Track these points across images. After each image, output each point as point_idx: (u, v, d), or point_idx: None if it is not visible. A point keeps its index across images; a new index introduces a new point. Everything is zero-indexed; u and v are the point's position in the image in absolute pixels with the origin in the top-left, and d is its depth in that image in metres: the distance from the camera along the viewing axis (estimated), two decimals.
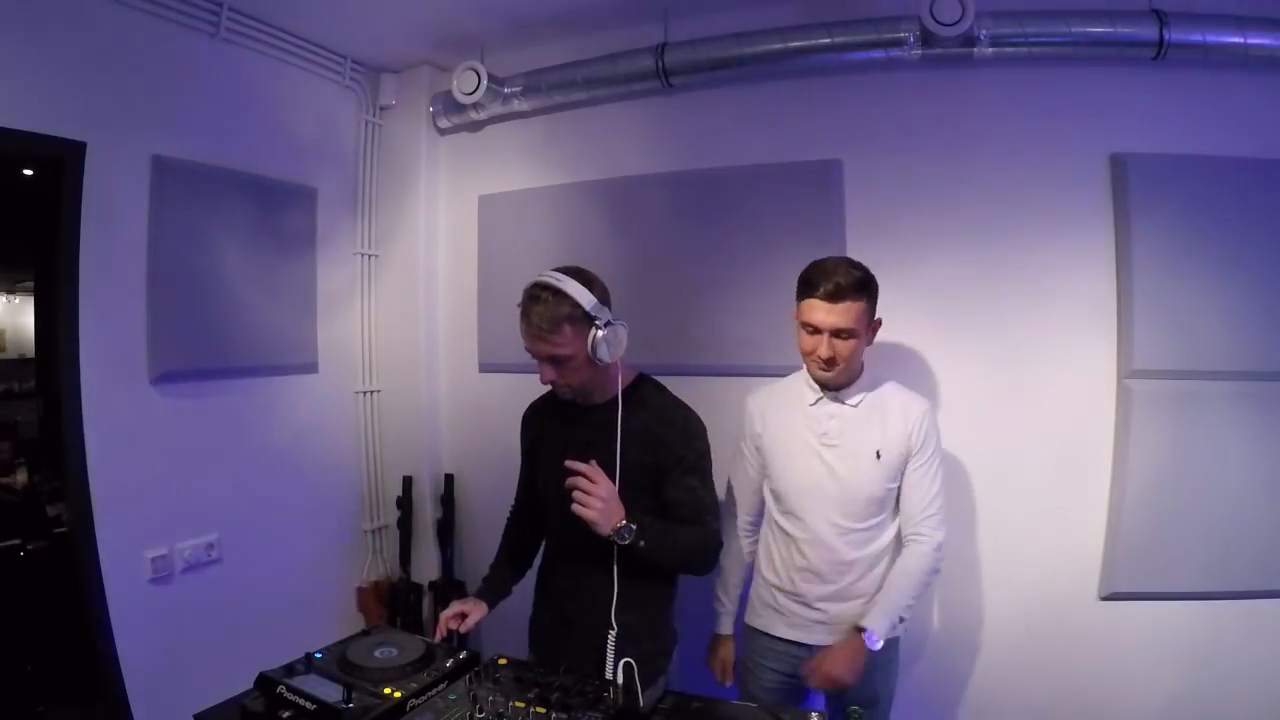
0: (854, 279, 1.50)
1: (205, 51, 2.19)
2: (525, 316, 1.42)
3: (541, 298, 1.40)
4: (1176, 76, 1.86)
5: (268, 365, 2.42)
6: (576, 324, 1.40)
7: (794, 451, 1.65)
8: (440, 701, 1.18)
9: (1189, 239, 1.85)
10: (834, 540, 1.60)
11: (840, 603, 1.62)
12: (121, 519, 1.97)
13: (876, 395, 1.64)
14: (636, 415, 1.50)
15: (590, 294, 1.41)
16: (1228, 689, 1.85)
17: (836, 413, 1.62)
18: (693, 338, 2.28)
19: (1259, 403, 1.82)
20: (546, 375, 1.47)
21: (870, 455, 1.58)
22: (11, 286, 5.16)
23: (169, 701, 2.00)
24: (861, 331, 1.54)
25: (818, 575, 1.62)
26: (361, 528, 2.76)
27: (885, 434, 1.59)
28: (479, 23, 2.39)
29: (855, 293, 1.50)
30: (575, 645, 1.50)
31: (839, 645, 1.54)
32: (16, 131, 1.75)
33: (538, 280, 1.43)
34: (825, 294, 1.50)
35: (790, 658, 1.67)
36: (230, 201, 2.27)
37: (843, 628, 1.59)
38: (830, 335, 1.52)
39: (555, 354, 1.42)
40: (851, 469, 1.59)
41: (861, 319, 1.52)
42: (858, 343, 1.54)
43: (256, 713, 1.14)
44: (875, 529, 1.61)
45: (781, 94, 2.20)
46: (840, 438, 1.61)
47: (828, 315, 1.51)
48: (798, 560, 1.64)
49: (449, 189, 2.77)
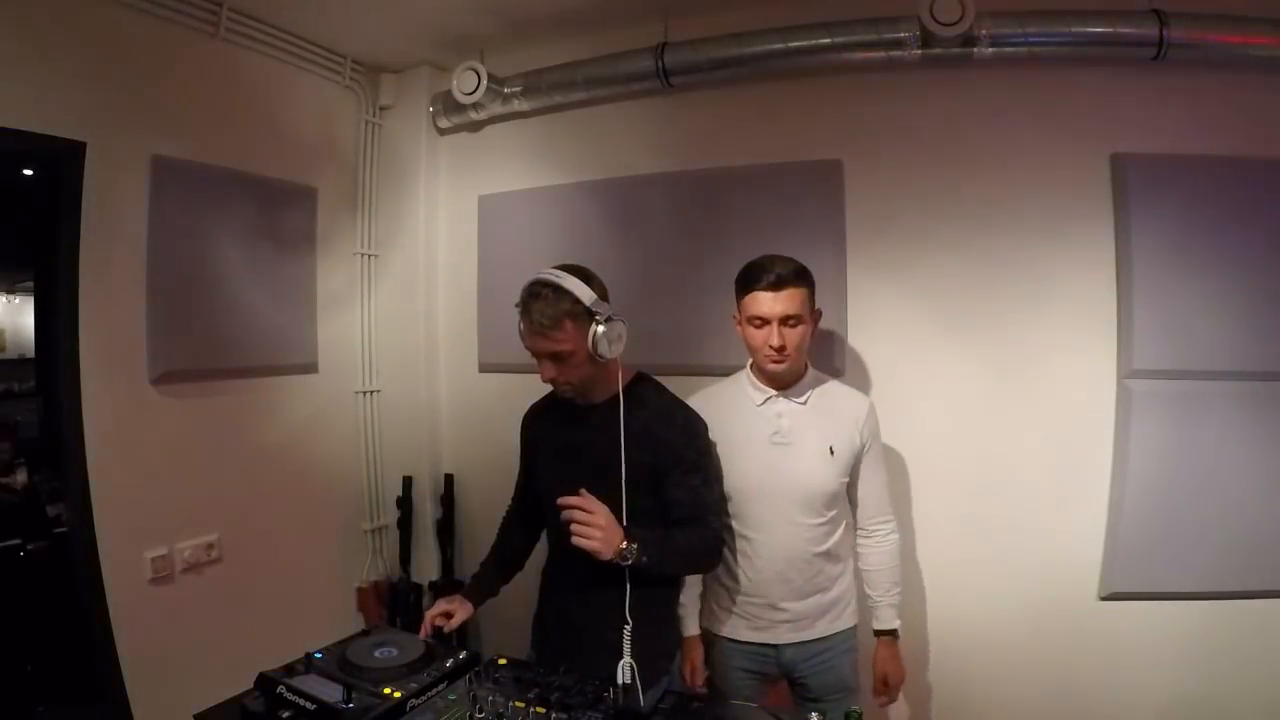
0: (792, 268, 1.56)
1: (205, 51, 2.19)
2: (525, 314, 1.42)
3: (542, 294, 1.40)
4: (1176, 76, 1.86)
5: (268, 365, 2.41)
6: (577, 319, 1.41)
7: (744, 453, 1.64)
8: (440, 701, 1.18)
9: (1189, 239, 1.85)
10: (791, 538, 1.62)
11: (801, 600, 1.64)
12: (121, 519, 1.97)
13: (822, 392, 1.68)
14: (636, 414, 1.49)
15: (590, 289, 1.42)
16: (1228, 689, 1.85)
17: (786, 410, 1.64)
18: (693, 337, 2.28)
19: (1259, 403, 1.82)
20: (547, 373, 1.47)
21: (823, 451, 1.61)
22: (11, 286, 5.15)
23: (169, 701, 2.00)
24: (806, 319, 1.59)
25: (778, 574, 1.62)
26: (361, 528, 2.76)
27: (837, 430, 1.63)
28: (479, 23, 2.39)
29: (796, 280, 1.56)
30: (578, 643, 1.50)
31: (882, 657, 1.70)
32: (16, 131, 1.75)
33: (537, 278, 1.44)
34: (768, 284, 1.55)
35: (758, 656, 1.68)
36: (230, 201, 2.27)
37: (803, 625, 1.64)
38: (779, 324, 1.55)
39: (556, 350, 1.42)
40: (806, 466, 1.61)
41: (805, 306, 1.58)
42: (804, 330, 1.59)
43: (256, 713, 1.14)
44: (830, 524, 1.64)
45: (781, 94, 2.20)
46: (792, 435, 1.62)
47: (774, 304, 1.55)
48: (756, 562, 1.64)
49: (449, 189, 2.76)
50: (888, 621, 1.70)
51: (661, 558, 1.42)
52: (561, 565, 1.63)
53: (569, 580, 1.59)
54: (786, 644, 1.65)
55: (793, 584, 1.63)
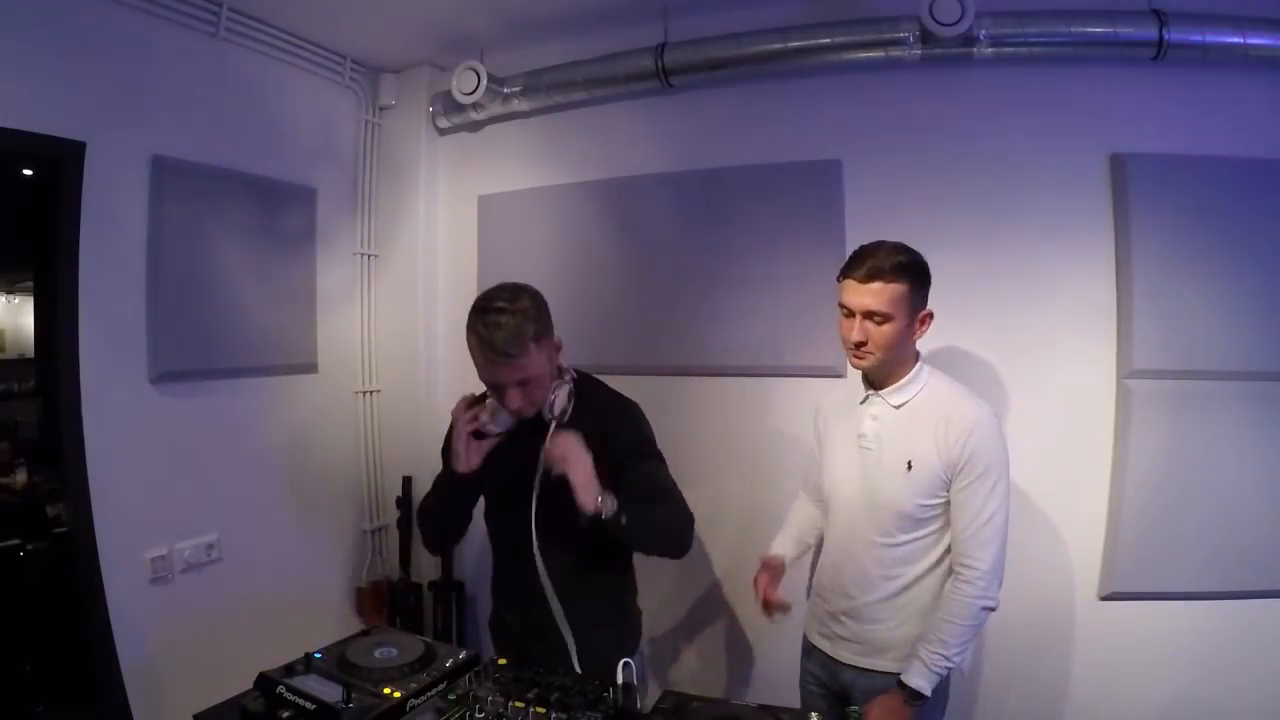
0: (894, 261, 1.39)
1: (205, 51, 2.19)
2: (487, 345, 1.33)
3: (501, 322, 1.33)
4: (1176, 76, 1.86)
5: (267, 365, 2.41)
6: (540, 339, 1.37)
7: (835, 450, 1.57)
8: (440, 701, 1.18)
9: (1189, 239, 1.85)
10: (857, 551, 1.49)
11: (860, 622, 1.49)
12: (121, 519, 1.97)
13: (926, 397, 1.46)
14: (582, 414, 1.45)
15: (542, 305, 1.40)
16: (1227, 688, 1.85)
17: (879, 413, 1.49)
18: (693, 338, 2.28)
19: (1258, 403, 1.82)
20: (515, 401, 1.38)
21: (900, 465, 1.42)
22: (11, 286, 5.15)
23: (169, 701, 2.01)
24: (899, 318, 1.40)
25: (841, 585, 1.52)
26: (361, 528, 2.76)
27: (922, 443, 1.41)
28: (479, 23, 2.39)
29: (892, 274, 1.38)
30: (544, 650, 1.46)
31: (880, 701, 1.40)
32: (16, 131, 1.75)
33: (490, 305, 1.36)
34: (859, 274, 1.40)
35: (824, 666, 1.58)
36: (230, 201, 2.27)
37: (865, 649, 1.49)
38: (862, 318, 1.41)
39: (525, 377, 1.36)
40: (880, 477, 1.44)
41: (899, 304, 1.39)
42: (894, 330, 1.40)
43: (256, 713, 1.14)
44: (906, 549, 1.44)
45: (781, 94, 2.20)
46: (875, 441, 1.47)
47: (859, 296, 1.40)
48: (826, 565, 1.59)
49: (449, 189, 2.76)
50: (910, 677, 1.38)
51: (639, 520, 1.34)
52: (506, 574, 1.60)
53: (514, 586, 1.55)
54: (847, 664, 1.52)
55: (854, 601, 1.49)
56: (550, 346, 1.43)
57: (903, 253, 1.42)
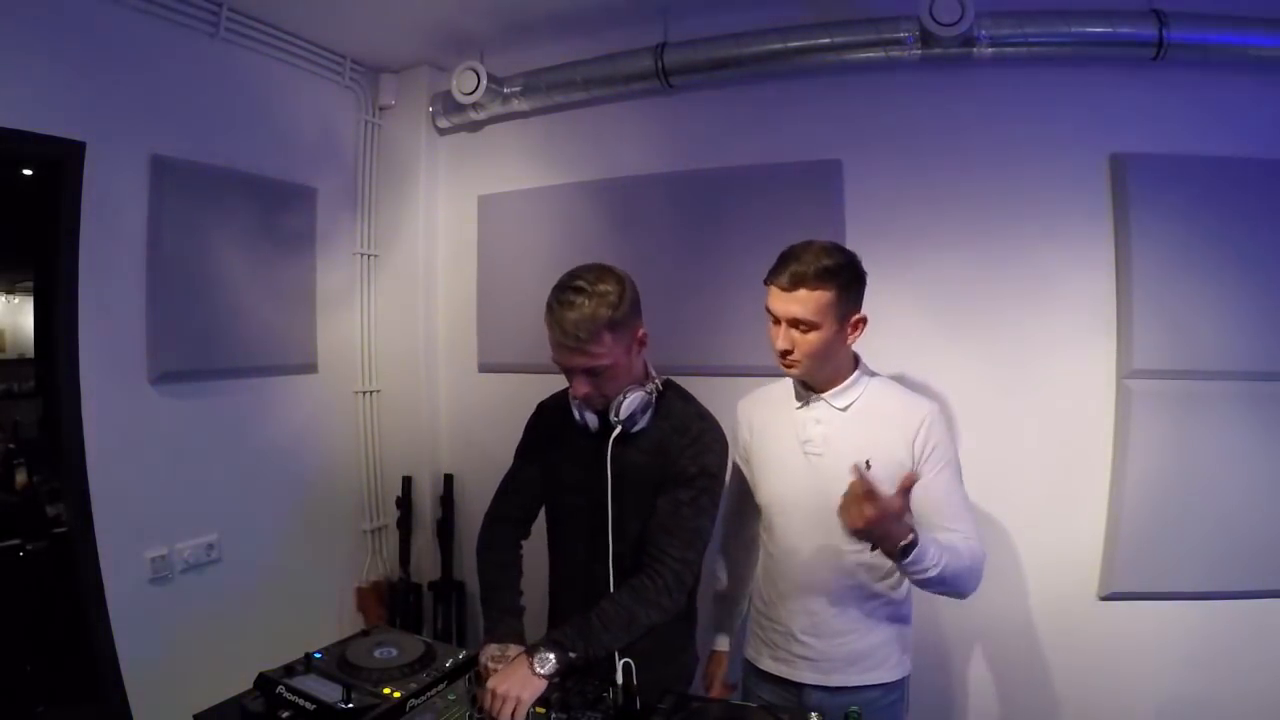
0: (819, 266, 1.31)
1: (205, 51, 2.19)
2: (558, 325, 1.25)
3: (575, 303, 1.25)
4: (1176, 76, 1.86)
5: (267, 365, 2.41)
6: (617, 329, 1.27)
7: (776, 461, 1.48)
8: (440, 701, 1.18)
9: (1189, 239, 1.85)
10: (818, 564, 1.41)
11: (824, 639, 1.42)
12: (121, 519, 1.97)
13: (871, 397, 1.43)
14: (658, 425, 1.38)
15: (626, 293, 1.29)
16: (1227, 689, 1.85)
17: (823, 417, 1.43)
18: (692, 338, 2.28)
19: (1259, 403, 1.82)
20: (580, 389, 1.31)
21: (860, 465, 1.30)
22: (11, 286, 5.16)
23: (169, 701, 2.00)
24: (826, 325, 1.33)
25: (800, 602, 1.44)
26: (361, 528, 2.76)
27: (879, 441, 1.36)
28: (479, 23, 2.39)
29: (817, 281, 1.31)
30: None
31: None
32: (16, 131, 1.75)
33: (569, 283, 1.28)
34: (782, 280, 1.34)
35: (781, 692, 1.49)
36: (230, 201, 2.27)
37: (832, 666, 1.41)
38: (788, 325, 1.36)
39: (594, 365, 1.28)
40: (837, 481, 1.26)
41: (825, 311, 1.32)
42: (821, 338, 1.34)
43: (256, 713, 1.14)
44: (871, 556, 1.32)
45: (781, 94, 2.20)
46: (824, 445, 1.40)
47: (783, 304, 1.35)
48: (780, 584, 1.48)
49: (448, 189, 2.76)
50: (919, 539, 1.21)
51: (588, 643, 1.22)
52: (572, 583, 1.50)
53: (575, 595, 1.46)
54: (810, 685, 1.44)
55: (816, 617, 1.42)
56: (631, 339, 1.33)
57: (830, 255, 1.34)
